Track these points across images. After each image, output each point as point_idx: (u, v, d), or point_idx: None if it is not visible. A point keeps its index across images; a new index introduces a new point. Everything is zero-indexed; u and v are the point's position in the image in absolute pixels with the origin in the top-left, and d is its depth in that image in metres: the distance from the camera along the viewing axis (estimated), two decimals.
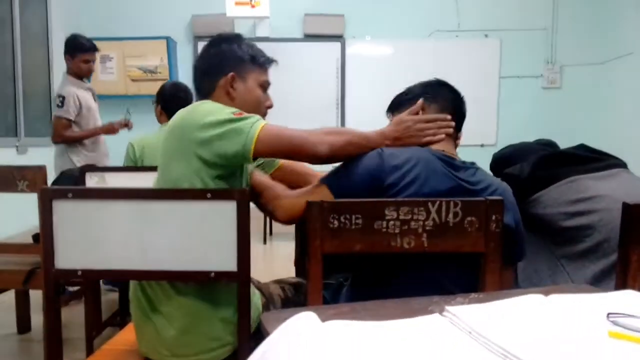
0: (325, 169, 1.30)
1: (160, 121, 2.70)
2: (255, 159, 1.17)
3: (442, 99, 1.36)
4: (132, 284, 1.27)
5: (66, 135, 3.19)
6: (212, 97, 1.33)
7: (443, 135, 1.29)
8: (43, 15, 4.85)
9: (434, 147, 1.30)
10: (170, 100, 2.61)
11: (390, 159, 1.21)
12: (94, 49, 3.27)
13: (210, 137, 1.14)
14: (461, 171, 1.24)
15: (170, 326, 1.19)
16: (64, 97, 3.14)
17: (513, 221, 1.25)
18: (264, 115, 1.39)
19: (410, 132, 1.27)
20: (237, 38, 1.39)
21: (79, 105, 3.21)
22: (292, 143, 1.18)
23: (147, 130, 2.87)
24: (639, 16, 5.02)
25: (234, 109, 1.19)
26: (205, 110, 1.18)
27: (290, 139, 1.18)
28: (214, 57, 1.35)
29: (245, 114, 1.18)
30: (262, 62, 1.39)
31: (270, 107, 1.44)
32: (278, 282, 1.53)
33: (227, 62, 1.33)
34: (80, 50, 3.20)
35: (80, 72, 3.26)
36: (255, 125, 1.15)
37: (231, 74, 1.32)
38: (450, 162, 1.25)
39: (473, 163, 1.35)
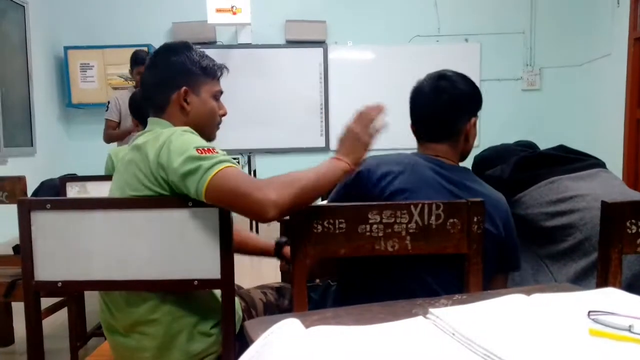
0: None
1: (137, 131, 2.64)
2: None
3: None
4: (100, 305, 1.25)
5: (109, 135, 3.74)
6: (166, 111, 1.28)
7: (384, 123, 1.21)
8: (22, 23, 4.78)
9: (430, 151, 1.32)
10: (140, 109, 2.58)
11: (372, 175, 1.23)
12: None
13: (175, 180, 1.10)
14: (450, 173, 1.25)
15: (148, 345, 1.18)
16: (108, 102, 3.76)
17: (504, 231, 1.25)
18: (218, 123, 1.36)
19: (360, 142, 1.17)
20: (186, 47, 1.31)
21: (120, 109, 3.70)
22: (235, 196, 1.05)
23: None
24: (616, 18, 5.12)
25: (198, 144, 1.12)
26: (176, 149, 1.11)
27: (236, 192, 1.05)
28: (164, 70, 1.29)
29: (207, 154, 1.09)
30: (213, 73, 1.33)
31: (224, 114, 1.37)
32: (260, 287, 1.52)
33: (179, 75, 1.28)
34: (135, 64, 3.67)
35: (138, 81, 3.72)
36: (207, 172, 1.06)
37: (184, 88, 1.27)
38: (440, 165, 1.27)
39: (466, 168, 1.36)
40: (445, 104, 1.31)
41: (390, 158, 1.29)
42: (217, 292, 1.20)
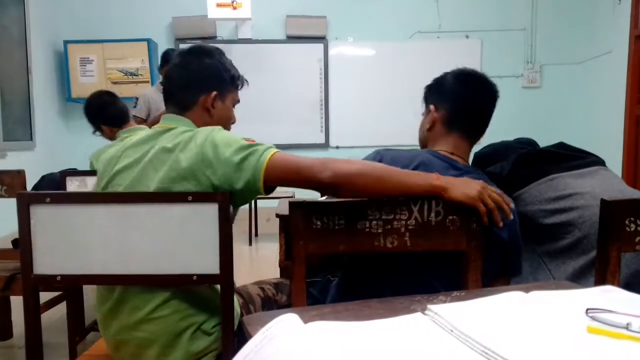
0: None
1: (112, 138, 2.57)
2: (267, 190, 1.15)
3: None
4: (99, 303, 1.24)
5: None
6: (191, 111, 1.30)
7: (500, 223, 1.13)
8: (21, 17, 4.77)
9: (439, 148, 1.32)
10: (104, 113, 2.53)
11: (390, 162, 1.22)
12: None
13: (227, 171, 1.13)
14: (460, 174, 1.24)
15: (152, 343, 1.17)
16: (137, 99, 3.85)
17: (507, 235, 1.25)
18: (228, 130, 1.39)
19: (480, 195, 1.10)
20: (219, 53, 1.36)
21: (149, 106, 3.80)
22: (297, 169, 1.13)
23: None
24: (616, 16, 5.12)
25: (243, 137, 1.18)
26: (223, 142, 1.15)
27: (296, 164, 1.14)
28: (196, 71, 1.31)
29: (256, 142, 1.17)
30: (239, 84, 1.40)
31: (234, 123, 1.43)
32: (257, 283, 1.52)
33: (210, 79, 1.32)
34: (166, 62, 3.79)
35: None
36: (264, 154, 1.14)
37: (214, 93, 1.31)
38: (453, 164, 1.26)
39: (479, 171, 1.37)
40: (490, 101, 1.37)
41: (404, 154, 1.29)
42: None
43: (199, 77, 1.31)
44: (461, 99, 1.36)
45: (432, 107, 1.37)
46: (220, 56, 1.35)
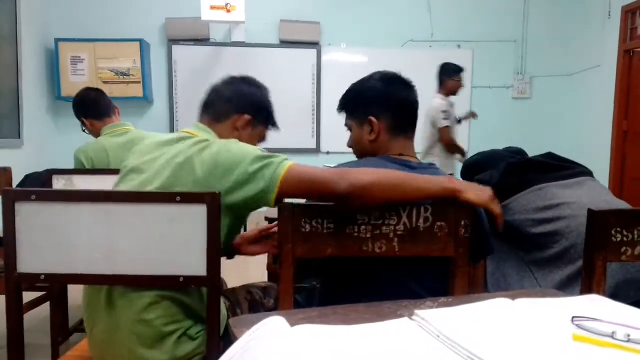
0: None
1: (95, 134, 2.55)
2: (276, 203, 1.15)
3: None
4: (86, 301, 1.24)
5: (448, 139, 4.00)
6: (220, 124, 1.35)
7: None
8: (12, 13, 4.73)
9: (396, 149, 1.33)
10: (84, 104, 2.53)
11: None
12: (461, 70, 4.14)
13: (241, 179, 1.14)
14: (417, 172, 1.25)
15: (137, 343, 1.16)
16: (444, 111, 3.97)
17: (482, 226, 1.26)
18: None
19: (491, 198, 1.17)
20: (267, 90, 1.47)
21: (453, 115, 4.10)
22: (312, 180, 1.13)
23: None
24: (606, 31, 5.19)
25: (260, 148, 1.20)
26: (240, 151, 1.17)
27: (311, 176, 1.13)
28: (243, 93, 1.39)
29: (274, 154, 1.18)
30: (272, 124, 1.48)
31: None
32: (245, 286, 1.51)
33: (252, 105, 1.39)
34: (454, 72, 4.07)
35: (452, 89, 4.07)
36: (281, 165, 1.14)
37: (248, 117, 1.36)
38: (407, 165, 1.27)
39: (431, 164, 1.37)
40: (416, 96, 1.36)
41: (361, 164, 1.30)
42: None
43: (241, 98, 1.38)
44: (402, 105, 1.35)
45: (372, 118, 1.33)
46: (267, 93, 1.46)
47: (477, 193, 1.14)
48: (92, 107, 2.52)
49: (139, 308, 1.14)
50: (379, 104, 1.34)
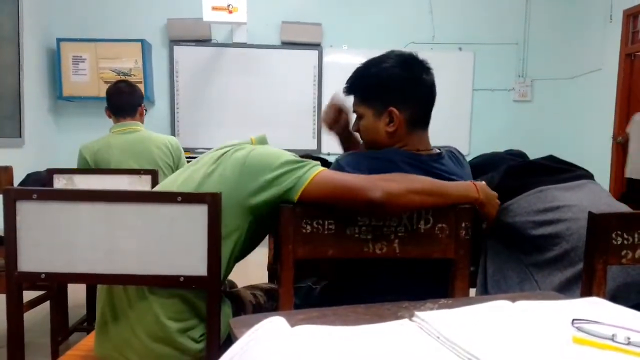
0: None
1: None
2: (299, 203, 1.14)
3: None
4: (102, 297, 1.24)
5: None
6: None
7: None
8: (14, 14, 4.73)
9: (406, 148, 1.31)
10: (108, 97, 2.59)
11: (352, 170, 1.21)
12: None
13: (275, 176, 1.14)
14: (426, 166, 1.25)
15: (141, 332, 1.17)
16: None
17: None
18: None
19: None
20: None
21: None
22: (344, 187, 1.12)
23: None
24: (607, 34, 5.19)
25: (292, 154, 1.20)
26: (273, 155, 1.18)
27: (343, 183, 1.13)
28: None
29: (305, 160, 1.18)
30: None
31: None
32: (250, 287, 1.51)
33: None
34: None
35: None
36: (312, 169, 1.14)
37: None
38: (417, 159, 1.26)
39: (440, 153, 1.34)
40: (434, 81, 1.32)
41: (367, 156, 1.28)
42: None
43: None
44: (427, 98, 1.30)
45: (393, 110, 1.26)
46: None
47: (495, 205, 1.23)
48: (112, 102, 2.57)
49: (157, 305, 1.15)
50: (402, 95, 1.27)
